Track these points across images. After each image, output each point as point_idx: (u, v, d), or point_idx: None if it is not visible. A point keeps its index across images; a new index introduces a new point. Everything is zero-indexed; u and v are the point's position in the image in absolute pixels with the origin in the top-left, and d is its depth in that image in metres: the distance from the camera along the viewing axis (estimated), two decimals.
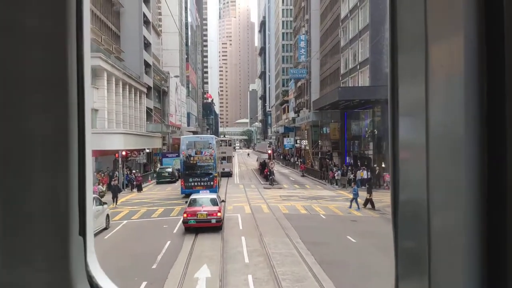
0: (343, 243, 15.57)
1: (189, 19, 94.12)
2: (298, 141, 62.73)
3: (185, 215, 17.86)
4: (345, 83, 43.67)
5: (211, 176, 28.62)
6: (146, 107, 51.24)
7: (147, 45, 53.46)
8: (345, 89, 38.39)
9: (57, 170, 0.86)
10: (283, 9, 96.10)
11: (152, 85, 54.15)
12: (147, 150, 47.72)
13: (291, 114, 74.84)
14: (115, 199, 24.83)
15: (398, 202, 0.95)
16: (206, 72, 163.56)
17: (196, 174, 28.44)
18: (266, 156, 46.48)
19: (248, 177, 45.87)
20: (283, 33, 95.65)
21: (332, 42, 49.64)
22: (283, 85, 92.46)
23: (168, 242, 15.84)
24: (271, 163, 37.83)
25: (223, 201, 21.26)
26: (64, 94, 0.86)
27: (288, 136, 71.70)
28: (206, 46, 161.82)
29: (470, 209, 0.75)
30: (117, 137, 34.40)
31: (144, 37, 51.71)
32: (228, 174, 43.42)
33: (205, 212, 17.64)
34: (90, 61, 0.99)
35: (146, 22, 53.45)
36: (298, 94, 70.00)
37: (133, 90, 44.76)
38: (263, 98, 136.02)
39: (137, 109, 46.80)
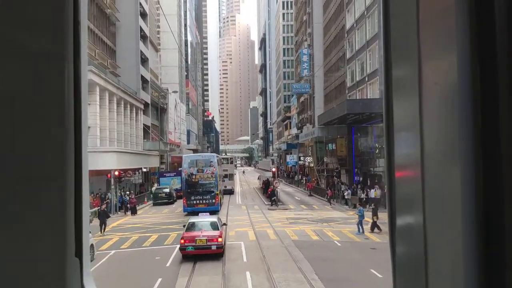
0: (368, 280, 13.00)
1: (189, 36, 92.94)
2: (301, 158, 60.32)
3: (182, 241, 16.02)
4: (352, 97, 41.44)
5: (213, 194, 28.77)
6: (143, 124, 49.02)
7: (144, 61, 51.55)
8: (354, 102, 36.12)
9: (53, 189, 0.85)
10: (283, 25, 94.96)
11: (149, 102, 52.05)
12: (144, 169, 45.41)
13: (294, 131, 72.70)
14: (102, 227, 22.22)
15: (395, 220, 0.94)
16: (207, 90, 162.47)
17: (198, 192, 28.57)
18: (269, 174, 43.96)
19: (251, 197, 43.35)
20: (284, 49, 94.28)
21: (337, 55, 47.67)
22: (284, 101, 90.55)
23: (159, 280, 13.33)
24: (276, 182, 35.32)
25: (224, 224, 19.03)
26: (61, 111, 0.85)
27: (291, 153, 69.49)
28: (206, 64, 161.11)
29: (467, 226, 0.76)
30: (109, 156, 32.12)
31: (142, 52, 49.81)
32: (230, 192, 43.28)
33: (205, 238, 15.83)
34: (87, 78, 0.97)
35: (143, 37, 51.66)
36: (301, 110, 67.89)
37: (128, 106, 42.55)
38: (264, 115, 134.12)
39: (133, 126, 44.47)
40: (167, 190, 37.30)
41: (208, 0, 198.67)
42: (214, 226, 16.84)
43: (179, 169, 44.56)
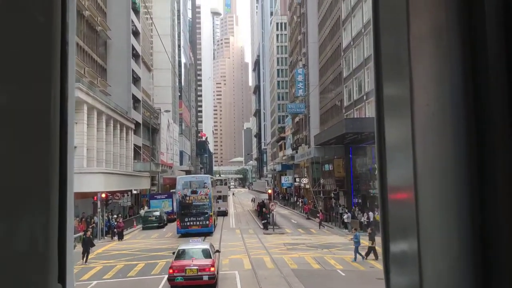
0: None
1: (183, 57, 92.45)
2: (297, 179, 58.84)
3: (170, 270, 14.67)
4: (349, 116, 40.36)
5: (206, 215, 28.76)
6: (134, 144, 47.46)
7: (136, 80, 50.39)
8: (352, 121, 34.98)
9: (36, 212, 0.82)
10: (277, 46, 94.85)
11: (141, 122, 50.64)
12: (134, 191, 43.64)
13: (289, 151, 71.45)
14: (85, 255, 20.40)
15: (388, 245, 0.92)
16: (200, 111, 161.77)
17: (192, 214, 28.61)
18: (265, 196, 42.39)
19: (245, 220, 41.63)
20: (278, 70, 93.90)
21: (334, 74, 46.85)
22: (279, 122, 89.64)
23: None
24: (272, 205, 33.75)
25: (217, 251, 17.57)
26: (45, 131, 0.82)
27: (286, 174, 68.00)
28: (200, 85, 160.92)
29: (463, 251, 0.77)
30: (97, 177, 30.50)
31: (134, 71, 48.69)
32: (224, 213, 42.92)
33: (196, 267, 14.50)
34: (74, 96, 0.96)
35: (136, 55, 50.65)
36: (296, 130, 66.82)
37: (118, 125, 41.08)
38: (258, 136, 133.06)
39: (123, 146, 42.89)
40: (157, 214, 35.51)
41: (202, 23, 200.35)
42: (206, 254, 15.50)
43: (171, 191, 43.00)
